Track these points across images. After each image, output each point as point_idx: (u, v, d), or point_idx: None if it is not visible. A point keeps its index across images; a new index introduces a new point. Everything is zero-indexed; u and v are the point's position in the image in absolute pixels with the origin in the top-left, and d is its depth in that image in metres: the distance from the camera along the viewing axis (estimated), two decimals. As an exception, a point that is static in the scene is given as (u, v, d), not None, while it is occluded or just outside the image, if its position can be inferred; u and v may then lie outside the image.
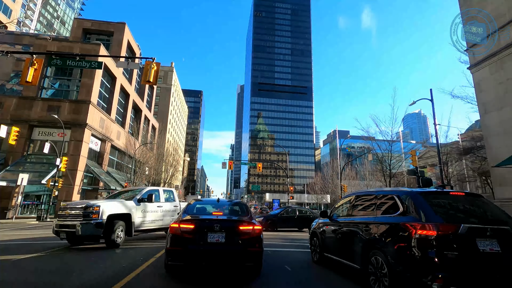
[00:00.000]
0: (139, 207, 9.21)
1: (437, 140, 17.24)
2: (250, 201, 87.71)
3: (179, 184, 74.39)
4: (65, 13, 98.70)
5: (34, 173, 24.44)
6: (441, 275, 3.51)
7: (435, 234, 3.67)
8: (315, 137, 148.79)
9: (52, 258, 7.04)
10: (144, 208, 9.42)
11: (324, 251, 6.63)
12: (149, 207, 9.60)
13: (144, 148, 37.83)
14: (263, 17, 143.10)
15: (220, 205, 6.49)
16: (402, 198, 4.52)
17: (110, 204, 8.55)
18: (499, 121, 11.07)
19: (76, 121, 27.14)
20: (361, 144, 52.28)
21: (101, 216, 8.01)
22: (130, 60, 13.70)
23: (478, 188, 29.98)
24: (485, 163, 19.68)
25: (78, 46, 29.22)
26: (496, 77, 11.25)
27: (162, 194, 10.47)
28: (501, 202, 10.18)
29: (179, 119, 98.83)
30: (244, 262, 5.21)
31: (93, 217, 7.94)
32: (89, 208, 8.08)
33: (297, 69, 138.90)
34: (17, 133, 19.82)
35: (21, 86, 28.00)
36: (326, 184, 49.22)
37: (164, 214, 10.26)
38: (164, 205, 10.35)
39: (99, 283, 4.87)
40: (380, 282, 4.26)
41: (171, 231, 5.17)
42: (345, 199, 6.78)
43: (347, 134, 76.52)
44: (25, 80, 10.09)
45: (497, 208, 4.52)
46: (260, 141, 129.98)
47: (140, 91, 46.39)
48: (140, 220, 9.24)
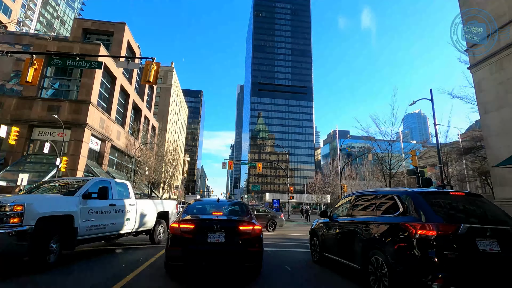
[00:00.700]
0: (85, 207, 6.46)
1: (437, 140, 17.23)
2: (250, 201, 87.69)
3: (179, 184, 74.39)
4: (65, 13, 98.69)
5: (34, 173, 24.43)
6: (441, 275, 3.51)
7: (435, 234, 3.67)
8: (315, 137, 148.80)
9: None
10: (93, 207, 6.70)
11: (324, 251, 6.63)
12: (99, 206, 6.88)
13: (144, 148, 37.81)
14: (263, 17, 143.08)
15: (220, 205, 6.48)
16: (402, 198, 4.52)
17: (41, 201, 5.86)
18: (499, 121, 11.06)
19: (76, 121, 27.13)
20: (361, 144, 52.33)
21: (26, 220, 5.04)
22: (130, 60, 13.71)
23: (478, 188, 30.01)
24: (485, 163, 19.68)
25: (78, 46, 29.21)
26: (496, 77, 11.24)
27: (114, 188, 7.79)
28: (501, 202, 10.18)
29: (179, 119, 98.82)
30: (244, 262, 5.20)
31: (11, 222, 4.93)
32: (3, 207, 4.96)
33: (297, 69, 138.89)
34: (17, 133, 19.82)
35: (21, 86, 27.98)
36: (326, 184, 49.22)
37: (118, 215, 7.60)
38: (118, 203, 7.64)
39: (98, 283, 4.86)
40: (380, 282, 4.26)
41: (171, 231, 5.17)
42: (345, 199, 6.78)
43: (347, 134, 76.47)
44: (25, 80, 10.09)
45: (497, 208, 4.53)
46: (260, 141, 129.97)
47: (140, 91, 46.38)
48: (86, 224, 6.43)
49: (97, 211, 6.85)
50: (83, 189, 6.74)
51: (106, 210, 7.16)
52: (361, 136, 33.69)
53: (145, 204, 8.97)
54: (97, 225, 6.81)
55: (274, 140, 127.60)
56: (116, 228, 7.58)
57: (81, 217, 6.33)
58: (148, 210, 8.98)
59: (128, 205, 8.05)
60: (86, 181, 7.17)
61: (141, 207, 8.58)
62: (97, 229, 6.82)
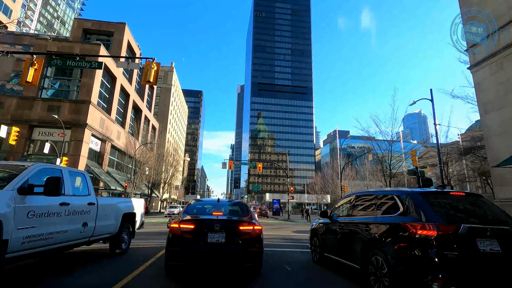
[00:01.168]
0: (22, 206, 4.28)
1: (437, 140, 17.23)
2: (250, 201, 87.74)
3: (179, 184, 74.43)
4: (65, 13, 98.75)
5: (34, 173, 24.41)
6: (441, 275, 3.51)
7: (435, 234, 3.67)
8: (315, 137, 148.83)
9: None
10: (35, 207, 4.51)
11: (324, 251, 6.63)
12: (44, 205, 4.71)
13: (144, 148, 37.84)
14: (263, 17, 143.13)
15: (220, 205, 6.47)
16: (402, 198, 4.52)
17: None
18: (499, 121, 11.06)
19: (76, 121, 27.16)
20: (361, 144, 52.30)
21: None
22: (130, 60, 13.71)
23: (478, 188, 29.99)
24: (485, 163, 19.68)
25: (78, 46, 29.25)
26: (496, 77, 11.24)
27: (68, 181, 5.58)
28: (501, 202, 10.18)
29: (179, 119, 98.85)
30: (244, 262, 5.21)
31: None
32: None
33: (297, 69, 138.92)
34: (17, 133, 19.82)
35: (21, 86, 28.00)
36: (326, 184, 49.26)
37: (72, 219, 5.39)
38: (72, 201, 5.44)
39: (98, 283, 4.85)
40: (380, 282, 4.26)
41: (171, 231, 5.17)
42: (345, 199, 6.78)
43: (347, 134, 76.51)
44: (25, 80, 10.10)
45: (497, 208, 4.52)
46: (260, 141, 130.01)
47: (140, 91, 46.41)
48: (23, 234, 4.27)
49: (41, 214, 4.62)
50: (20, 179, 4.49)
51: (55, 211, 4.95)
52: (361, 136, 33.69)
53: (108, 204, 7.01)
54: (40, 235, 4.58)
55: (274, 140, 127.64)
56: (68, 238, 5.34)
57: (15, 222, 4.10)
58: (112, 211, 7.00)
59: (86, 205, 5.92)
60: (24, 168, 4.80)
61: (102, 208, 6.49)
62: (40, 240, 4.62)
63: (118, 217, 7.21)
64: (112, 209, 7.05)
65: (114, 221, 7.06)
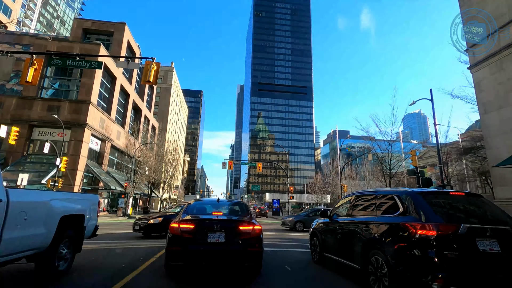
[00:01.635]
0: None
1: (437, 140, 17.23)
2: (250, 201, 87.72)
3: (179, 184, 74.39)
4: (65, 13, 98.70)
5: (34, 173, 24.44)
6: (441, 275, 3.51)
7: (435, 234, 3.67)
8: (315, 137, 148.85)
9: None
10: None
11: (324, 251, 6.63)
12: None
13: (144, 148, 37.80)
14: (263, 17, 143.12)
15: (220, 205, 6.47)
16: (402, 198, 4.52)
17: None
18: (499, 121, 11.06)
19: (76, 121, 27.15)
20: (361, 144, 52.33)
21: None
22: (130, 60, 13.70)
23: (478, 188, 29.98)
24: (485, 163, 19.68)
25: (78, 46, 29.23)
26: (496, 77, 11.24)
27: None
28: (501, 202, 10.18)
29: (179, 119, 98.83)
30: (244, 262, 5.21)
31: None
32: None
33: (297, 69, 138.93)
34: (17, 133, 19.82)
35: (21, 86, 27.99)
36: (326, 184, 49.20)
37: None
38: None
39: (98, 283, 4.85)
40: (380, 282, 4.26)
41: (171, 231, 5.16)
42: (345, 199, 6.77)
43: (347, 134, 76.55)
44: (25, 80, 10.10)
45: (497, 208, 4.52)
46: (260, 141, 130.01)
47: (140, 91, 46.40)
48: None
49: None
50: None
51: None
52: (361, 136, 33.68)
53: (32, 201, 4.34)
54: None
55: (274, 140, 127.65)
56: None
57: None
58: (40, 213, 4.37)
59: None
60: None
61: (20, 207, 3.93)
62: None
63: (51, 223, 4.55)
64: (40, 210, 4.38)
65: (44, 229, 4.38)
